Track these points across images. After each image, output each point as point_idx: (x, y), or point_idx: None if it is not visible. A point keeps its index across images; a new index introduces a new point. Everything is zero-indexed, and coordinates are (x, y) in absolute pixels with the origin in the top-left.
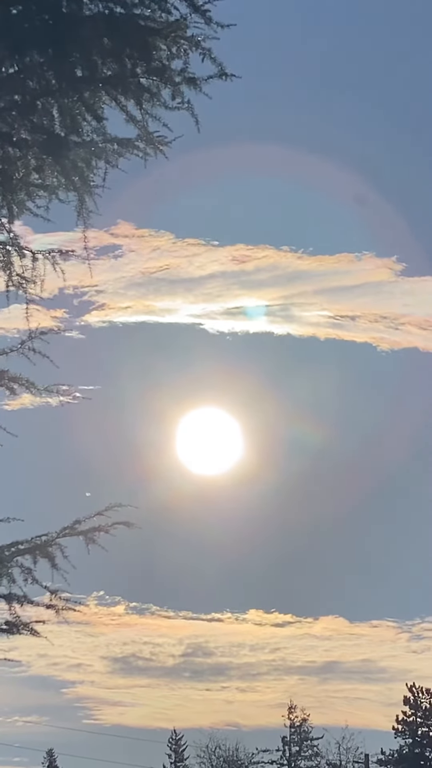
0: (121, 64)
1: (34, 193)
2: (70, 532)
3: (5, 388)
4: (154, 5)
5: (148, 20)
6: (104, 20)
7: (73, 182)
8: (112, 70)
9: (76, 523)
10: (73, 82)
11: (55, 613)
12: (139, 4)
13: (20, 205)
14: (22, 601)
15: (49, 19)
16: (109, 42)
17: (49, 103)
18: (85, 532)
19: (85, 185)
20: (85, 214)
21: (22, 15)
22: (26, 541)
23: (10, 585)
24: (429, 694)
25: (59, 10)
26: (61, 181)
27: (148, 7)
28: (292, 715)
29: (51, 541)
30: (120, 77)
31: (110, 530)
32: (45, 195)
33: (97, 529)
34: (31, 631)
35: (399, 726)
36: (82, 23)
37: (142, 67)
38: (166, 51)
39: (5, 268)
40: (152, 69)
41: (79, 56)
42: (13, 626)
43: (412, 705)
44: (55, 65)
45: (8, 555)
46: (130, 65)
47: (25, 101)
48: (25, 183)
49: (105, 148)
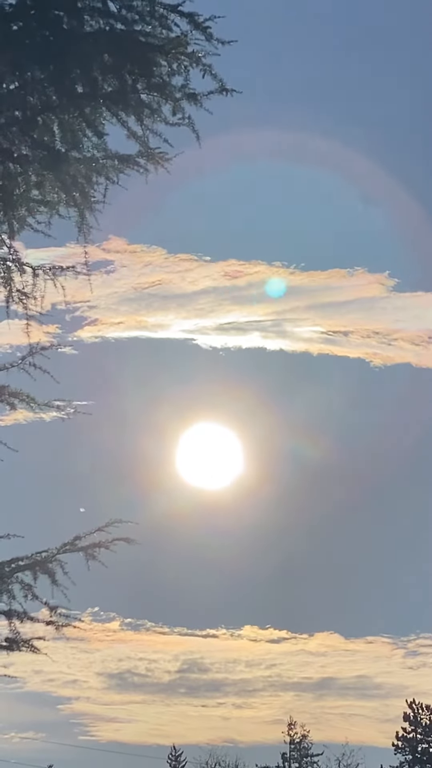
0: (122, 80)
1: (35, 209)
2: (71, 548)
3: (5, 404)
4: (155, 22)
5: (149, 36)
6: (105, 36)
7: (73, 198)
8: (112, 86)
9: (76, 539)
10: (74, 98)
11: (55, 629)
12: (140, 21)
13: (21, 221)
14: (23, 617)
15: (50, 35)
16: (109, 58)
17: (50, 119)
18: (85, 548)
19: (85, 201)
20: (86, 230)
21: (23, 31)
22: (26, 557)
23: (10, 601)
24: (429, 710)
25: (60, 26)
26: (62, 197)
27: (149, 23)
28: (291, 732)
29: (51, 557)
30: (121, 93)
31: (110, 546)
32: (45, 211)
33: (98, 545)
34: (31, 647)
35: (399, 742)
36: (82, 39)
37: (142, 83)
38: (167, 67)
39: (5, 284)
40: (153, 85)
41: (80, 72)
42: (13, 643)
43: (412, 721)
44: (56, 81)
45: (8, 571)
46: (131, 81)
47: (26, 117)
48: (26, 199)
49: (105, 164)
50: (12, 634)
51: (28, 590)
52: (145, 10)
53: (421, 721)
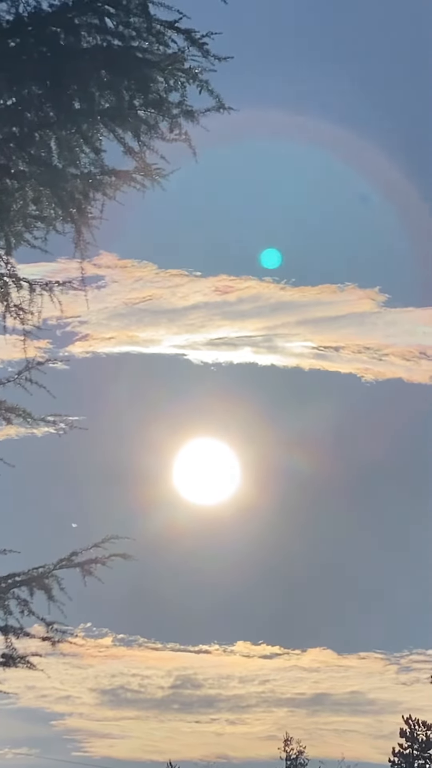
0: (119, 97)
1: (32, 225)
2: (67, 564)
3: (2, 418)
4: (152, 38)
5: (146, 53)
6: (102, 53)
7: (70, 214)
8: (110, 103)
9: (73, 555)
10: (71, 114)
11: (51, 645)
12: (137, 37)
13: (18, 236)
14: (19, 633)
15: (47, 51)
16: (106, 74)
17: (47, 135)
18: (81, 563)
19: (82, 217)
20: (83, 246)
21: (20, 47)
22: (23, 573)
23: (6, 617)
24: (425, 726)
25: (57, 42)
26: (59, 213)
27: (146, 39)
28: (288, 748)
29: (48, 573)
30: (118, 109)
31: (107, 562)
32: (42, 226)
33: (94, 561)
34: (28, 663)
35: (395, 758)
36: (80, 56)
37: (139, 100)
38: (164, 83)
39: (2, 299)
40: (150, 101)
41: (77, 89)
42: (9, 659)
43: (409, 737)
44: (53, 97)
45: (5, 587)
46: (128, 97)
47: (23, 133)
48: (23, 215)
49: (103, 180)
50: (8, 650)
51: (25, 606)
52: (142, 26)
53: (418, 737)
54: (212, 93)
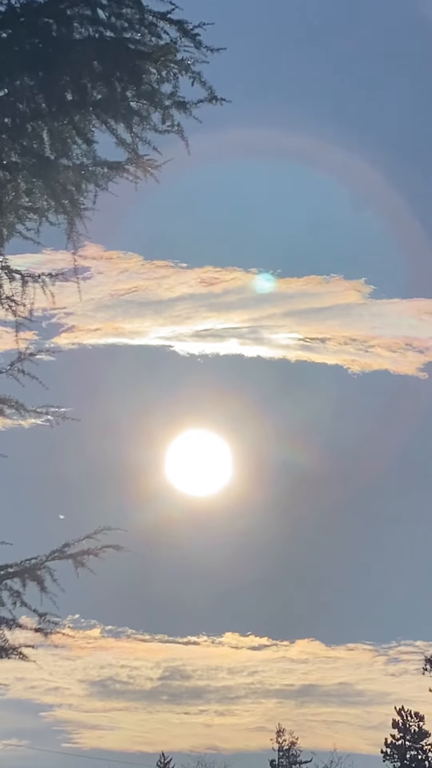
0: (111, 88)
1: (24, 216)
2: (60, 555)
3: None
4: (144, 29)
5: (138, 44)
6: (94, 44)
7: (63, 205)
8: (102, 94)
9: (65, 546)
10: (64, 105)
11: (43, 636)
12: (129, 28)
13: (10, 227)
14: (11, 624)
15: (40, 42)
16: (99, 66)
17: (40, 127)
18: (74, 555)
19: (74, 208)
20: (75, 237)
21: (13, 38)
22: (15, 564)
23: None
24: (417, 717)
25: (49, 34)
26: (51, 204)
27: (138, 31)
28: (280, 739)
29: (40, 564)
30: (110, 101)
31: (99, 553)
32: (35, 218)
33: (87, 552)
34: (20, 655)
35: (388, 749)
36: (72, 47)
37: (132, 91)
38: (156, 75)
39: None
40: (142, 92)
41: (70, 80)
42: (2, 650)
43: (401, 728)
44: (46, 89)
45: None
46: (120, 89)
47: (16, 124)
48: (15, 206)
49: (95, 171)
50: (1, 642)
51: (17, 597)
52: (134, 17)
53: (410, 728)
54: (204, 84)
